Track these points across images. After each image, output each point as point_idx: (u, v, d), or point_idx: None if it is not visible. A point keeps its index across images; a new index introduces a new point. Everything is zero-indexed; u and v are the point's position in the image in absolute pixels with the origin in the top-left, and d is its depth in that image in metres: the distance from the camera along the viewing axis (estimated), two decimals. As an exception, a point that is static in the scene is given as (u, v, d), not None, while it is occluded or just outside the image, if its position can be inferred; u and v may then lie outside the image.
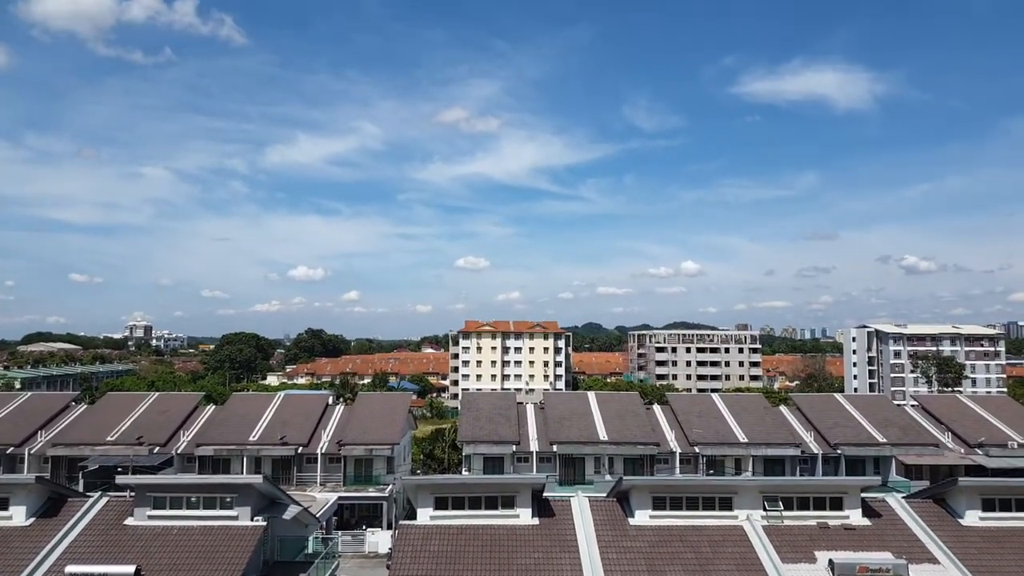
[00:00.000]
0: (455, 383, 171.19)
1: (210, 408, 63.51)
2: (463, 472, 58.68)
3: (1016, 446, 57.34)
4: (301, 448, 55.99)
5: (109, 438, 55.59)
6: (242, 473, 52.82)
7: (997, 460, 55.80)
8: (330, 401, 65.14)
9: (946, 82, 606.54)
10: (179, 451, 55.58)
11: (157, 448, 55.37)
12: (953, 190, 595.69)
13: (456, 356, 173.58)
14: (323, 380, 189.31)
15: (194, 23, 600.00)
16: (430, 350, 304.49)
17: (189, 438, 56.96)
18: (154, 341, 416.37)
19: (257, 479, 28.84)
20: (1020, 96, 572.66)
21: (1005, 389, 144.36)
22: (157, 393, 69.15)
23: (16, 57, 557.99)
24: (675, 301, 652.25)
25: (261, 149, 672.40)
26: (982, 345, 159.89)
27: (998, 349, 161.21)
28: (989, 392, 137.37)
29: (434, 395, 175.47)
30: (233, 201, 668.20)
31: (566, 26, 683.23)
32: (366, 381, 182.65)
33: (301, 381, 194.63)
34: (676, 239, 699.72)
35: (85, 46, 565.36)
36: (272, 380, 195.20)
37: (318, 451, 55.93)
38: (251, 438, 56.31)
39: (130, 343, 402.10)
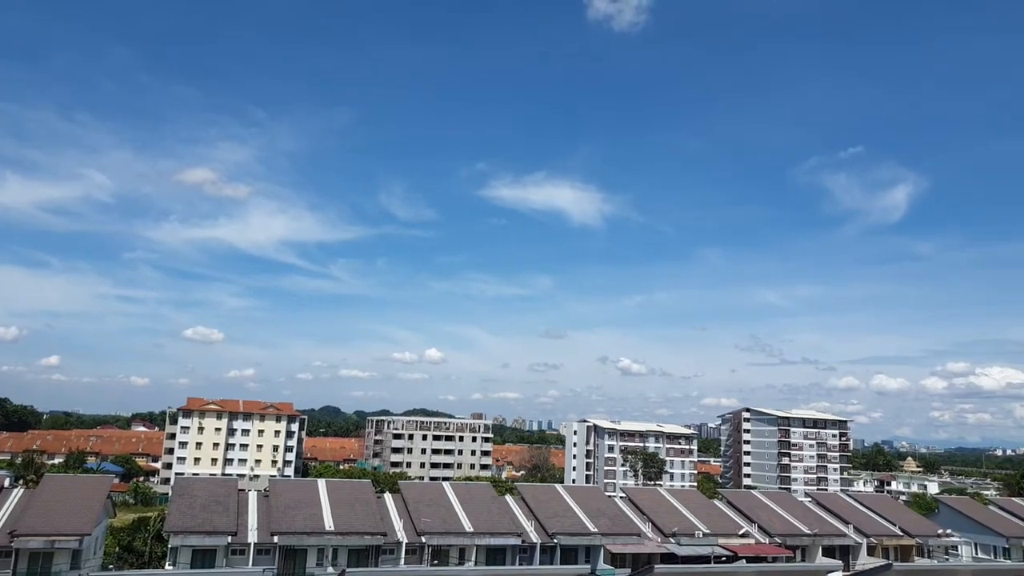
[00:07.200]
0: (168, 466, 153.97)
1: None
2: (167, 567, 52.58)
3: (702, 535, 65.23)
4: (-43, 541, 46.41)
5: None
6: None
7: (686, 548, 62.98)
8: (7, 483, 55.43)
9: (659, 209, 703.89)
10: None
11: None
12: (661, 303, 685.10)
13: (173, 436, 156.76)
14: (1, 459, 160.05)
15: None
16: (142, 428, 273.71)
17: None
18: None
19: None
20: (711, 229, 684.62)
21: (695, 483, 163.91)
22: None
23: None
24: (417, 387, 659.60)
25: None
26: (679, 443, 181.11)
27: (691, 447, 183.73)
28: (684, 485, 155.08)
29: (141, 479, 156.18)
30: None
31: (326, 105, 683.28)
32: (57, 461, 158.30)
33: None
34: (423, 326, 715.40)
35: None
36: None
37: (-19, 545, 46.73)
38: None
39: None
